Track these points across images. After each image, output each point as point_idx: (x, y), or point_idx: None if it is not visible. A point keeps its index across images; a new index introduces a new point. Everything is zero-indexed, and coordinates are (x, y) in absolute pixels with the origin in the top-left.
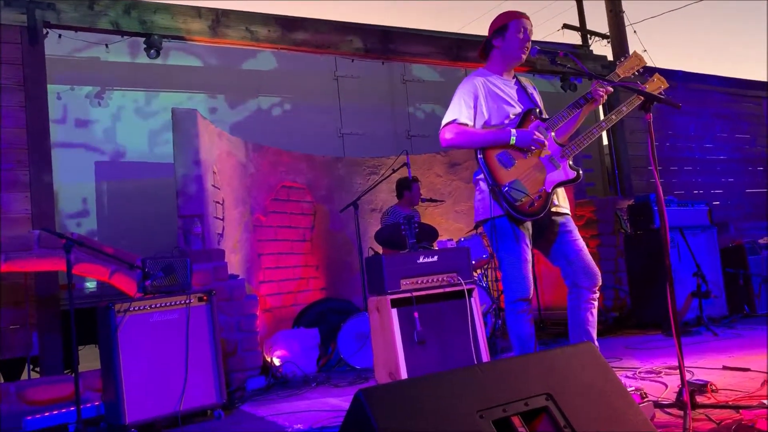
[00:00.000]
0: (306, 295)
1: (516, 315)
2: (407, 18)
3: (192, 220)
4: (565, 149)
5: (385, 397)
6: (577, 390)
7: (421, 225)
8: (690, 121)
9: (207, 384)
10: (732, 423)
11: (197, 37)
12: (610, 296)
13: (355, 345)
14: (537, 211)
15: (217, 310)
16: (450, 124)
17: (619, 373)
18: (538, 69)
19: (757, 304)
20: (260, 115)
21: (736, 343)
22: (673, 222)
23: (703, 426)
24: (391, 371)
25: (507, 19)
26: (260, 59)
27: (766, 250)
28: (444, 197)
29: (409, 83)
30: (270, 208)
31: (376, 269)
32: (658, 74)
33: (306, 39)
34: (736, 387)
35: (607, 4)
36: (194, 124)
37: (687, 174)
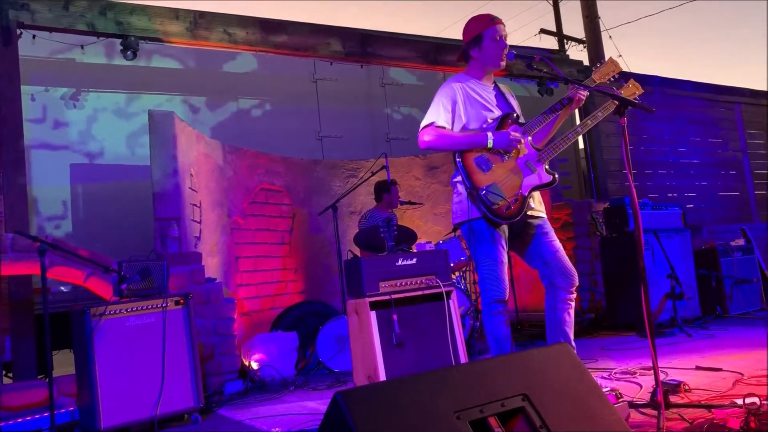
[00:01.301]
0: (284, 298)
1: (492, 316)
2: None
3: (169, 223)
4: (541, 153)
5: (362, 399)
6: (552, 390)
7: (400, 228)
8: (665, 125)
9: (184, 388)
10: (704, 422)
11: (175, 39)
12: (586, 298)
13: (334, 348)
14: (514, 214)
15: (194, 313)
16: (428, 126)
17: (594, 373)
18: (515, 73)
19: (730, 305)
20: (240, 118)
21: (708, 344)
22: (647, 225)
23: (677, 425)
24: (370, 374)
25: (481, 27)
26: (240, 61)
27: (738, 253)
28: (423, 200)
29: (387, 86)
30: (248, 211)
31: (354, 272)
32: (633, 80)
33: (285, 41)
34: (708, 387)
35: (583, 9)
36: (171, 126)
37: (661, 177)
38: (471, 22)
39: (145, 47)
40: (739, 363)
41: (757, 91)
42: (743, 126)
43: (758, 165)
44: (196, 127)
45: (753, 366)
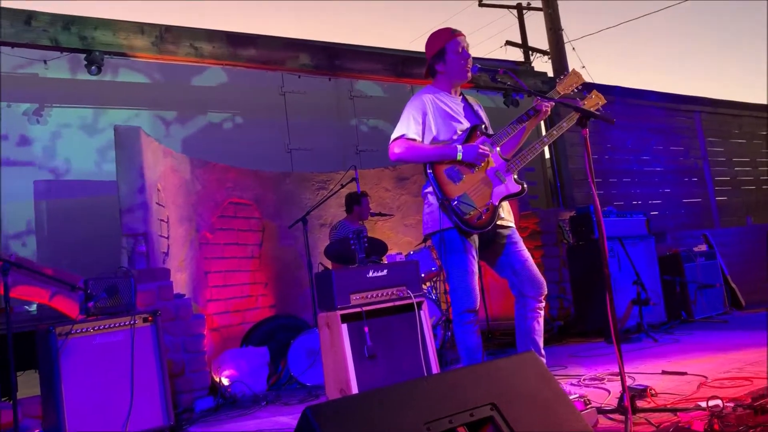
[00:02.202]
0: (255, 312)
1: (463, 326)
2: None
3: (136, 239)
4: (510, 164)
5: (332, 414)
6: (521, 399)
7: (370, 239)
8: (628, 134)
9: (153, 406)
10: (670, 425)
11: (140, 54)
12: (555, 306)
13: (306, 362)
14: (485, 223)
15: (163, 330)
16: (399, 139)
17: (564, 380)
18: (482, 85)
19: (694, 309)
20: (209, 131)
21: (674, 348)
22: (612, 232)
23: (644, 429)
24: (342, 387)
25: (442, 42)
26: (208, 75)
27: (701, 258)
28: (393, 211)
29: (356, 98)
30: (217, 225)
31: (325, 285)
32: (596, 90)
33: (252, 55)
34: (674, 390)
35: (546, 21)
36: (137, 142)
37: (626, 185)
38: (432, 38)
39: (111, 61)
40: (703, 366)
41: (715, 100)
42: (703, 134)
43: (718, 172)
44: (166, 142)
45: (717, 369)
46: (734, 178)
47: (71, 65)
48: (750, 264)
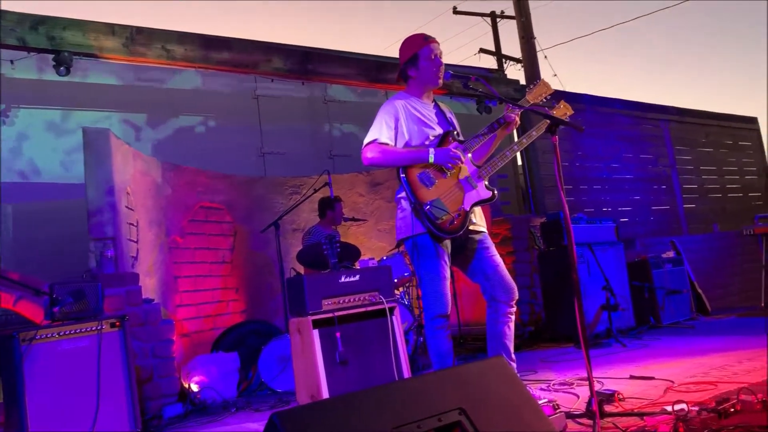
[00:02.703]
0: (225, 318)
1: (435, 331)
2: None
3: (104, 243)
4: (481, 170)
5: (300, 419)
6: (488, 404)
7: (343, 244)
8: (598, 142)
9: (120, 413)
10: (636, 429)
11: (110, 55)
12: (526, 311)
13: (277, 368)
14: (457, 228)
15: (131, 335)
16: (371, 143)
17: (534, 385)
18: (455, 92)
19: (662, 315)
20: (181, 135)
21: (642, 353)
22: (582, 238)
23: None
24: (313, 393)
25: (416, 47)
26: (181, 78)
27: (668, 264)
28: (366, 216)
29: (330, 103)
30: (187, 230)
31: (297, 290)
32: (563, 101)
33: (224, 58)
34: (641, 395)
35: (519, 30)
36: (106, 144)
37: (596, 192)
38: (406, 43)
39: (80, 62)
40: (670, 371)
41: (683, 109)
42: (671, 142)
43: (686, 180)
44: (136, 145)
45: (683, 373)
46: (701, 186)
47: (39, 65)
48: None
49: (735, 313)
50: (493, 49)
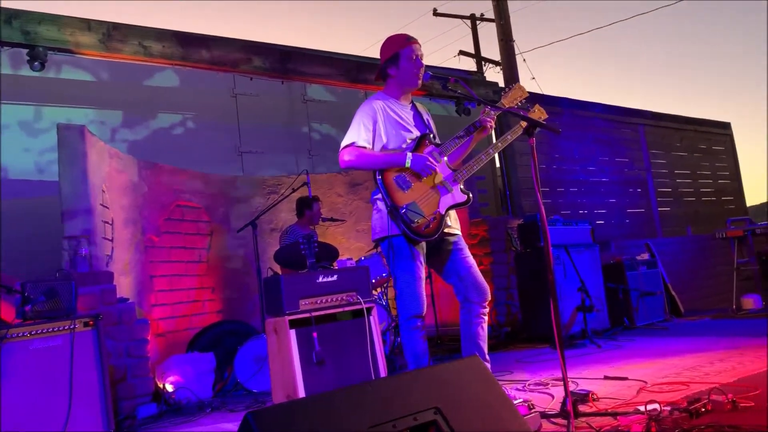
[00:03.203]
0: (201, 318)
1: (410, 331)
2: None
3: (78, 241)
4: (456, 174)
5: (275, 419)
6: (464, 403)
7: (321, 244)
8: (574, 145)
9: (93, 413)
10: (610, 429)
11: (87, 51)
12: (503, 312)
13: (253, 368)
14: (432, 232)
15: (105, 335)
16: (349, 146)
17: (509, 385)
18: (434, 93)
19: (636, 316)
20: (158, 133)
21: (616, 354)
22: (558, 240)
23: None
24: (289, 393)
25: (397, 47)
26: (159, 76)
27: (643, 266)
28: (345, 217)
29: (309, 103)
30: (163, 228)
31: (274, 290)
32: (538, 105)
33: (203, 56)
34: (615, 395)
35: (498, 32)
36: (81, 141)
37: (573, 195)
38: (388, 42)
39: (55, 57)
40: (643, 372)
41: (658, 113)
42: (647, 146)
43: (661, 183)
44: (112, 143)
45: (656, 374)
46: (676, 190)
47: (12, 60)
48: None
49: (707, 315)
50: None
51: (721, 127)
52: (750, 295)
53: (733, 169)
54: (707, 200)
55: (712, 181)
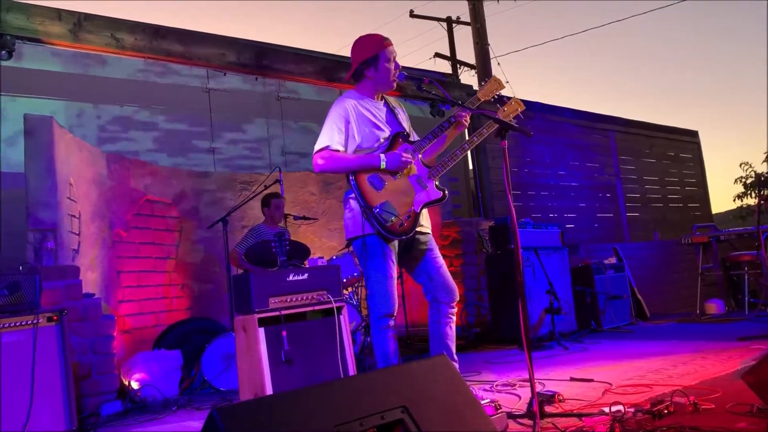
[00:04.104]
0: (169, 315)
1: (381, 331)
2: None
3: (44, 235)
4: (431, 171)
5: (240, 416)
6: (431, 402)
7: (292, 243)
8: (546, 149)
9: (55, 410)
10: (575, 430)
11: (56, 41)
12: (473, 312)
13: (221, 366)
14: (406, 230)
15: (69, 330)
16: (323, 150)
17: (477, 386)
18: (409, 94)
19: (603, 319)
20: (127, 126)
21: (583, 356)
22: (528, 243)
23: None
24: (257, 392)
25: (376, 48)
26: (129, 68)
27: (610, 270)
28: (318, 215)
29: (284, 100)
30: (132, 223)
31: (243, 287)
32: (515, 98)
33: (175, 49)
34: (581, 396)
35: (474, 36)
36: (49, 132)
37: (543, 198)
38: (364, 42)
39: (23, 47)
40: (609, 374)
41: (629, 120)
42: (617, 152)
43: (630, 189)
44: (81, 135)
45: (621, 376)
46: (644, 196)
47: None
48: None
49: (672, 319)
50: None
51: (689, 136)
52: (713, 300)
53: (700, 177)
54: (674, 206)
55: (680, 187)
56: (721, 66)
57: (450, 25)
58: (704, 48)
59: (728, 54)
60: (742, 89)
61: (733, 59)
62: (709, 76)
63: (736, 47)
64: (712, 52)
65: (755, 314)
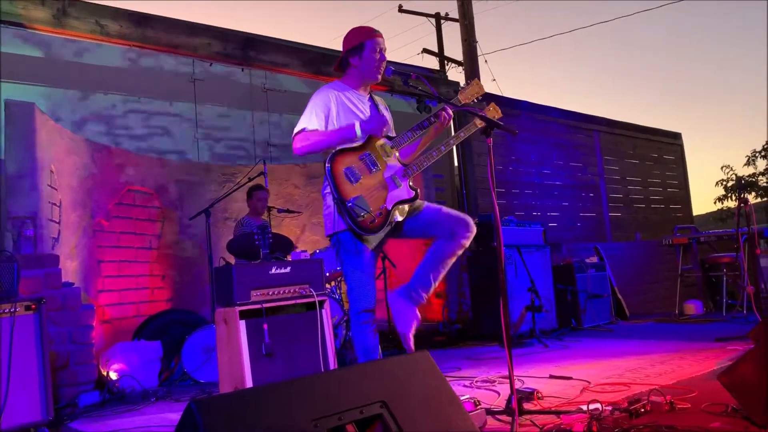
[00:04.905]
0: (150, 305)
1: (360, 326)
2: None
3: (23, 222)
4: (407, 169)
5: (218, 408)
6: (410, 398)
7: (275, 236)
8: (531, 148)
9: (32, 400)
10: (553, 427)
11: (39, 26)
12: (455, 309)
13: (201, 358)
14: (377, 227)
15: (48, 320)
16: (300, 133)
17: (457, 382)
18: (396, 89)
19: (583, 318)
20: (111, 114)
21: (563, 354)
22: (511, 240)
23: (529, 430)
24: (237, 385)
25: (363, 37)
26: (114, 55)
27: (592, 269)
28: (301, 209)
29: (270, 92)
30: (113, 213)
31: (225, 279)
32: (494, 104)
33: (161, 38)
34: (559, 394)
35: (462, 32)
36: (31, 119)
37: (527, 197)
38: (353, 32)
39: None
40: (587, 372)
41: (613, 120)
42: (601, 152)
43: (613, 189)
44: (64, 123)
45: (600, 374)
46: (627, 196)
47: None
48: (636, 277)
49: (651, 318)
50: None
51: (672, 137)
52: (692, 301)
53: (682, 179)
54: (656, 207)
55: (662, 189)
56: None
57: (438, 21)
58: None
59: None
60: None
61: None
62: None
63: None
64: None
65: (732, 315)
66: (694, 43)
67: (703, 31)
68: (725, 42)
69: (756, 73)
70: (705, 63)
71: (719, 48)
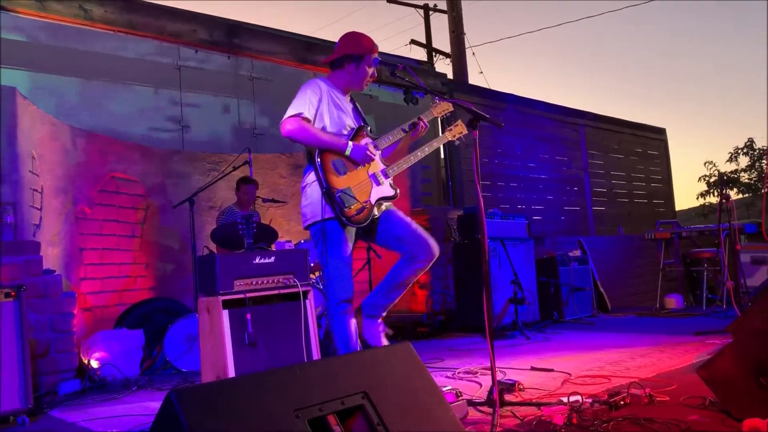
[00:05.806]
0: (132, 294)
1: (340, 316)
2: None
3: (4, 209)
4: (388, 169)
5: (198, 398)
6: (392, 389)
7: (260, 225)
8: (517, 141)
9: (11, 388)
10: (533, 419)
11: (21, 9)
12: (438, 300)
13: (183, 347)
14: (361, 220)
15: (28, 307)
16: (295, 116)
17: (439, 373)
18: (383, 80)
19: (565, 311)
20: (94, 100)
21: (544, 346)
22: (495, 233)
23: (509, 422)
24: (219, 374)
25: (365, 49)
26: (98, 40)
27: (575, 263)
28: (287, 198)
29: (256, 80)
30: (96, 200)
31: (208, 268)
32: (461, 121)
33: (146, 23)
34: (540, 386)
35: (450, 24)
36: (12, 104)
37: (512, 190)
38: (356, 38)
39: None
40: (568, 364)
41: (598, 115)
42: (586, 146)
43: (597, 183)
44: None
45: (581, 367)
46: (610, 190)
47: None
48: (619, 271)
49: (632, 312)
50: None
51: (656, 133)
52: (673, 295)
53: (666, 174)
54: (640, 202)
55: (646, 184)
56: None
57: (427, 12)
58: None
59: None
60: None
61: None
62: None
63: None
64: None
65: (712, 310)
66: (682, 41)
67: (689, 27)
68: (712, 40)
69: (741, 72)
70: (691, 60)
71: (706, 46)
